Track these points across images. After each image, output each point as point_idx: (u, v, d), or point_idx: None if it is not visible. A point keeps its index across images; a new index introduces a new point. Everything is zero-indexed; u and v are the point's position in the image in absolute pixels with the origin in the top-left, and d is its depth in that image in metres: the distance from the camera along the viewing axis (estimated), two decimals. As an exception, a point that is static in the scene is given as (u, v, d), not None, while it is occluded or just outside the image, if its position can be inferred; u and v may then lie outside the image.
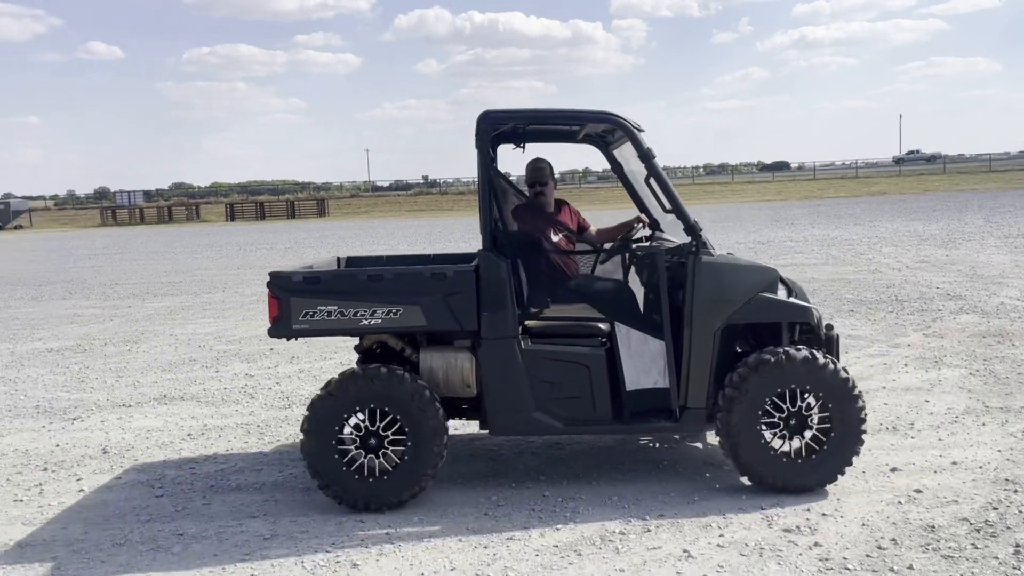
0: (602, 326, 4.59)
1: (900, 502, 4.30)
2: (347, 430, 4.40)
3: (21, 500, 4.90)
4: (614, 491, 4.60)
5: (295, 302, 4.39)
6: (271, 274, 4.47)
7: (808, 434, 4.37)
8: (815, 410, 4.35)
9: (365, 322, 4.40)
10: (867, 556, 3.72)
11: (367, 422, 4.38)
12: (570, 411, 4.50)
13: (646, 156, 4.54)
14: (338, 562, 3.89)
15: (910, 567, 3.60)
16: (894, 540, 3.86)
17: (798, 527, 4.03)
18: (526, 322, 4.62)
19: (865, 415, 4.41)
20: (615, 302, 4.65)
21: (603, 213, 26.39)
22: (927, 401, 6.11)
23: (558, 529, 4.14)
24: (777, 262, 15.43)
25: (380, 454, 4.39)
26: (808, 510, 4.23)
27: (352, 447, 4.39)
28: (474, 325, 4.42)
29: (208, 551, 4.06)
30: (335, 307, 4.38)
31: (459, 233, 29.82)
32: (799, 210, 33.88)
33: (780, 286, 4.63)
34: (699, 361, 4.41)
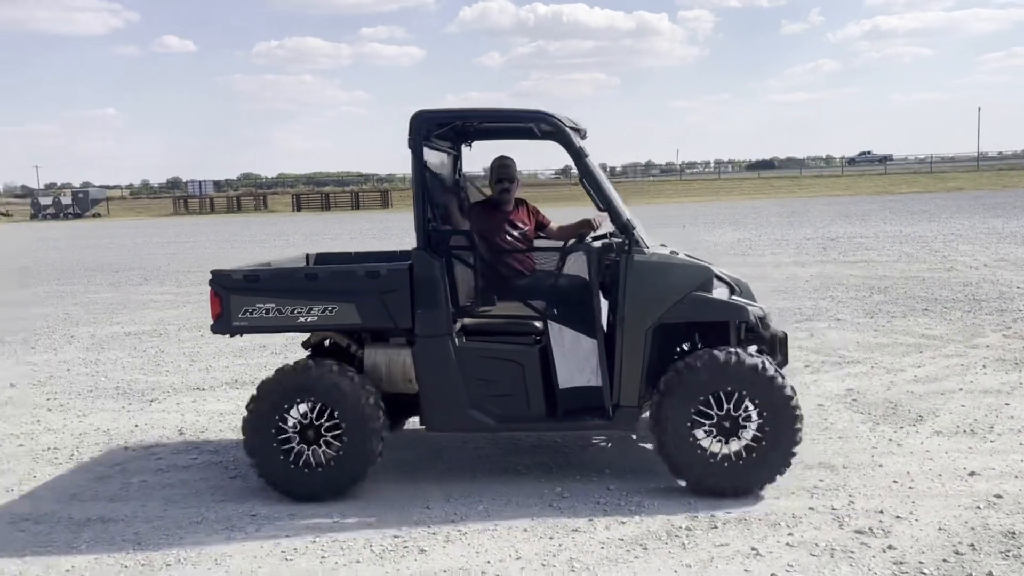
0: (537, 324, 4.59)
1: (979, 507, 4.16)
2: (289, 418, 4.48)
3: (105, 477, 5.11)
4: (680, 486, 4.57)
5: (235, 300, 4.51)
6: (213, 272, 4.59)
7: (735, 441, 4.31)
8: (753, 419, 4.29)
9: (302, 319, 4.48)
10: (944, 561, 3.62)
11: (309, 414, 4.46)
12: (504, 408, 4.52)
13: (577, 155, 4.54)
14: (405, 547, 3.95)
15: (989, 574, 3.49)
16: (972, 546, 3.75)
17: (871, 529, 3.95)
18: (465, 319, 4.65)
19: (799, 437, 4.33)
20: (548, 300, 4.63)
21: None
22: (1007, 404, 5.89)
23: (623, 523, 4.13)
24: (847, 259, 15.06)
25: (312, 449, 4.46)
26: (881, 512, 4.13)
27: (290, 434, 4.47)
28: (408, 323, 4.46)
29: (280, 532, 4.17)
30: (273, 304, 4.48)
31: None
32: (869, 206, 32.98)
33: (720, 285, 4.56)
34: (631, 359, 4.38)
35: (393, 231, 28.63)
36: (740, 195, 49.35)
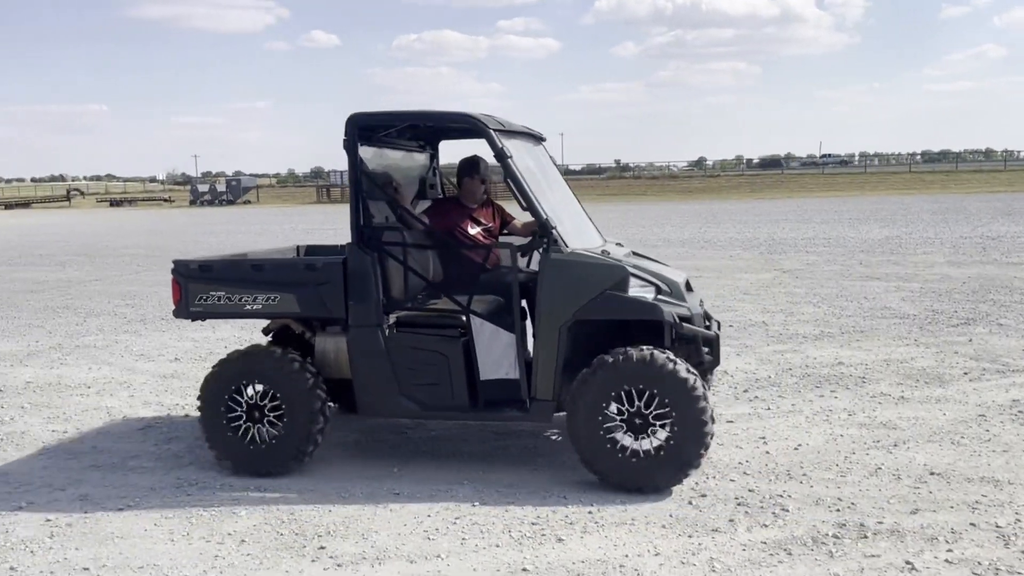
0: (464, 317, 4.73)
1: None
2: (241, 398, 4.81)
3: (260, 449, 5.43)
4: (826, 492, 4.40)
5: (192, 287, 4.89)
6: (174, 261, 4.98)
7: (645, 439, 4.37)
8: (663, 418, 4.33)
9: (248, 307, 4.83)
10: None
11: (256, 396, 4.80)
12: (430, 397, 4.74)
13: (500, 156, 4.62)
14: (543, 535, 4.00)
15: None
16: None
17: (1041, 551, 3.67)
18: (400, 312, 4.87)
19: (708, 440, 4.35)
20: (471, 295, 4.73)
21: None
22: None
23: (766, 526, 4.02)
24: (1010, 260, 14.01)
25: (257, 427, 4.80)
26: (1054, 534, 3.83)
27: (240, 412, 4.81)
28: (342, 313, 4.74)
29: (422, 511, 4.31)
30: (224, 292, 4.84)
31: (651, 218, 29.47)
32: (1036, 203, 30.47)
33: (645, 285, 4.51)
34: (546, 354, 4.51)
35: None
36: (888, 190, 46.74)
